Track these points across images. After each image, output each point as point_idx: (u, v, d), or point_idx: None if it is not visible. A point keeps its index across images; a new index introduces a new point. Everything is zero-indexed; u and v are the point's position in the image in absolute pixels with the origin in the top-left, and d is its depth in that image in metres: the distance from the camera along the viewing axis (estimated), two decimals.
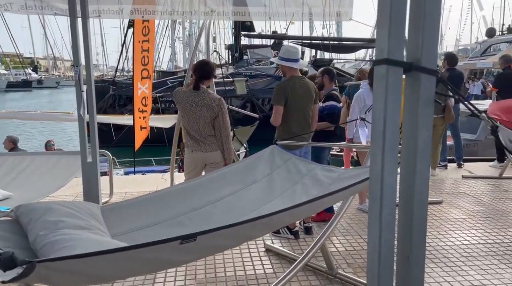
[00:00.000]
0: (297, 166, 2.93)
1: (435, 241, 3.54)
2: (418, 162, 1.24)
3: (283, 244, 3.52)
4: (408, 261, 1.28)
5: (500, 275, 2.93)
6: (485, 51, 26.06)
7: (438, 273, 2.96)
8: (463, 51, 46.22)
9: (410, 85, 1.23)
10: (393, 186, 1.24)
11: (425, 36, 1.17)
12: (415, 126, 1.23)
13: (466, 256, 3.25)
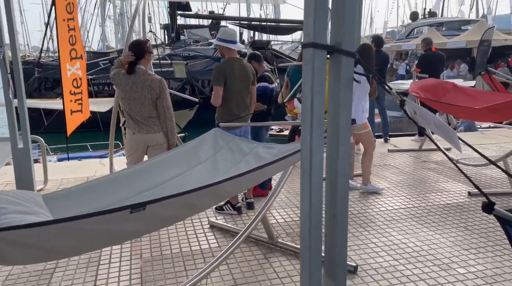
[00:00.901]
0: (240, 146, 3.07)
1: (363, 208, 3.91)
2: (341, 137, 1.42)
3: (227, 220, 3.68)
4: (334, 219, 1.48)
5: (417, 234, 3.35)
6: (409, 34, 27.93)
7: (365, 236, 3.31)
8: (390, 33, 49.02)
9: (333, 66, 1.40)
10: (320, 157, 1.42)
11: (345, 22, 1.33)
12: (337, 104, 1.40)
13: (389, 220, 3.64)
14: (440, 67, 6.80)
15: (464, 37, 22.28)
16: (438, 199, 4.13)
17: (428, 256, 2.95)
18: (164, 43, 20.73)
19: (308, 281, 1.45)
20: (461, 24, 27.88)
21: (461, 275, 2.69)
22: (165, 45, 19.62)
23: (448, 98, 5.27)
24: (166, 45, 19.38)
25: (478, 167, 5.06)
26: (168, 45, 20.16)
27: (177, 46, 19.62)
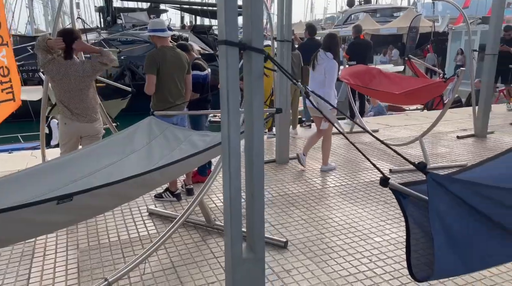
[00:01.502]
0: (175, 134, 3.15)
1: (296, 188, 4.19)
2: (255, 123, 1.59)
3: (166, 207, 3.77)
4: (253, 197, 1.66)
5: (343, 209, 3.68)
6: (346, 20, 28.98)
7: (296, 213, 3.57)
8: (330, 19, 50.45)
9: (246, 61, 1.55)
10: (238, 142, 1.58)
11: (253, 23, 1.49)
12: (251, 94, 1.56)
13: (319, 198, 3.95)
14: (367, 54, 7.25)
15: (396, 24, 23.60)
16: (363, 177, 4.52)
17: (350, 228, 3.28)
18: (100, 28, 19.73)
19: (230, 253, 1.62)
20: (393, 11, 29.44)
21: (377, 243, 3.04)
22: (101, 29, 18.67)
23: (374, 84, 5.70)
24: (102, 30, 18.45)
25: (400, 146, 5.55)
26: (104, 29, 19.22)
27: (113, 31, 18.77)
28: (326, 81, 4.36)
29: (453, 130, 6.55)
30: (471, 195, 1.66)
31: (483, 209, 1.70)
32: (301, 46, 6.81)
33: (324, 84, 4.36)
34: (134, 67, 15.39)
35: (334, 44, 4.48)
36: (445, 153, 5.38)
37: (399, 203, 1.74)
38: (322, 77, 4.39)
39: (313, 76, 4.53)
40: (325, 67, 4.38)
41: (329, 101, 4.17)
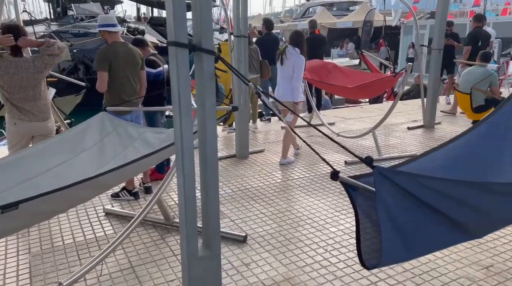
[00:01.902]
0: (128, 131, 3.09)
1: (256, 183, 4.25)
2: (207, 121, 1.61)
3: (124, 206, 3.70)
4: (207, 196, 1.68)
5: (300, 201, 3.79)
6: (304, 13, 29.34)
7: (256, 207, 3.64)
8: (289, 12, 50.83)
9: (197, 62, 1.56)
10: (191, 141, 1.59)
11: (203, 25, 1.50)
12: (203, 94, 1.58)
13: (278, 191, 4.04)
14: (322, 49, 7.41)
15: (351, 18, 24.23)
16: (320, 169, 4.66)
17: (307, 220, 3.38)
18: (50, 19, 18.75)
19: (186, 252, 1.64)
20: (349, 5, 30.14)
21: (332, 233, 3.17)
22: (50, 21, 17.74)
23: (330, 78, 5.85)
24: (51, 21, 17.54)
25: (354, 138, 5.76)
26: (54, 21, 18.27)
27: (64, 22, 17.89)
28: (295, 75, 4.53)
29: (404, 122, 6.87)
30: (415, 185, 1.76)
31: (426, 199, 1.80)
32: (259, 40, 6.85)
33: (293, 79, 4.53)
34: (88, 61, 14.79)
35: (301, 41, 4.67)
36: (396, 143, 5.65)
37: (348, 195, 1.82)
38: (291, 72, 4.54)
39: (281, 71, 4.66)
40: (293, 63, 4.53)
41: (298, 94, 4.61)
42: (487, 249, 2.82)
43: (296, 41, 4.63)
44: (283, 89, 4.61)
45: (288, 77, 4.56)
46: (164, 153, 2.50)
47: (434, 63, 6.27)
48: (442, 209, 1.89)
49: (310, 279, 2.56)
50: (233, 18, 4.63)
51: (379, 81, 4.86)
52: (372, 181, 1.68)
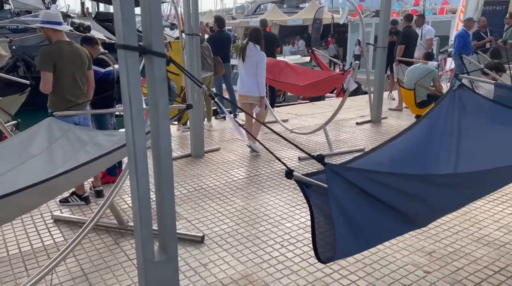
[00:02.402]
0: (78, 135, 2.97)
1: (212, 182, 4.25)
2: (160, 123, 1.59)
3: (74, 212, 3.56)
4: (162, 199, 1.67)
5: (257, 198, 3.84)
6: (255, 10, 29.49)
7: (213, 207, 3.64)
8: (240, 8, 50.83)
9: (147, 66, 1.54)
10: (143, 144, 1.57)
11: (152, 26, 1.48)
12: (155, 97, 1.56)
13: (234, 189, 4.06)
14: (274, 47, 7.50)
15: (301, 15, 24.68)
16: (276, 166, 4.74)
17: (264, 217, 3.44)
18: None
19: (142, 257, 1.62)
20: (299, 2, 30.68)
21: (288, 228, 3.24)
22: None
23: (282, 76, 5.95)
24: None
25: (307, 134, 5.91)
26: None
27: (1, 17, 16.66)
28: (258, 71, 4.77)
29: (353, 117, 7.15)
30: (364, 180, 1.84)
31: (375, 192, 1.89)
32: (211, 38, 6.81)
33: (257, 74, 4.78)
34: (29, 58, 13.90)
35: (260, 38, 4.86)
36: (347, 138, 5.87)
37: (303, 192, 1.88)
38: (254, 68, 4.76)
39: (245, 68, 4.85)
40: (256, 59, 4.77)
41: (263, 89, 4.91)
42: (429, 236, 3.03)
43: (256, 38, 4.82)
44: (249, 85, 4.84)
45: (253, 74, 4.78)
46: (116, 154, 2.43)
47: (379, 61, 6.58)
48: (389, 201, 1.99)
49: (267, 275, 2.61)
50: (184, 16, 4.57)
51: (329, 79, 5.02)
52: (325, 178, 1.74)
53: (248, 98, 4.95)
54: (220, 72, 6.46)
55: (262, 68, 4.79)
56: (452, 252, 2.82)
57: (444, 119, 3.13)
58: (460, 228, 3.15)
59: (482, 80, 3.69)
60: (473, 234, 3.06)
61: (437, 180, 2.20)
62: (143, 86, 1.61)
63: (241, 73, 4.90)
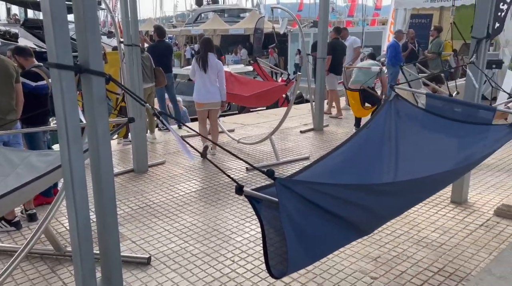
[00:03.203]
0: (8, 157, 2.72)
1: (157, 198, 4.09)
2: (101, 146, 1.49)
3: (2, 239, 3.23)
4: (105, 225, 1.55)
5: (205, 213, 3.75)
6: (196, 19, 29.32)
7: (159, 225, 3.49)
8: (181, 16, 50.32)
9: (84, 85, 1.43)
10: (82, 170, 1.45)
11: (89, 40, 1.37)
12: (93, 119, 1.45)
13: (182, 205, 3.94)
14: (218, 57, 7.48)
15: (243, 25, 24.97)
16: (223, 178, 4.68)
17: (213, 232, 3.37)
18: None
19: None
20: (239, 11, 31.04)
21: (239, 242, 3.20)
22: None
23: (227, 87, 5.93)
24: None
25: (253, 144, 5.93)
26: None
27: None
28: (220, 78, 5.14)
29: (297, 126, 7.30)
30: (312, 192, 1.86)
31: (323, 204, 1.91)
32: (151, 48, 6.62)
33: (218, 81, 5.11)
34: None
35: (213, 47, 5.25)
36: (292, 147, 5.98)
37: (253, 207, 1.86)
38: (215, 76, 5.07)
39: (207, 76, 5.07)
40: (218, 68, 5.11)
41: (224, 94, 5.17)
42: (374, 241, 3.15)
43: (210, 47, 5.19)
44: (213, 92, 5.12)
45: (214, 81, 5.10)
46: (52, 176, 2.25)
47: (320, 71, 6.80)
48: (337, 212, 2.04)
49: None
50: (122, 25, 4.39)
51: (273, 90, 5.09)
52: (275, 191, 1.74)
53: (211, 105, 5.21)
54: (162, 83, 6.30)
55: (223, 75, 5.16)
56: (396, 256, 2.95)
57: (382, 128, 3.29)
58: (401, 231, 3.31)
59: (417, 91, 3.93)
60: (413, 236, 3.23)
61: (378, 188, 2.30)
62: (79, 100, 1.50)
63: (203, 83, 5.09)
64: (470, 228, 3.32)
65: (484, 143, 3.04)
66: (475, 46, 3.44)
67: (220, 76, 5.11)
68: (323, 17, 6.69)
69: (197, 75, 5.07)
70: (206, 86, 5.06)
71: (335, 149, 2.87)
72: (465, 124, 3.18)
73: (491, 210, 3.63)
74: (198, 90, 5.13)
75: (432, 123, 3.31)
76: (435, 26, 9.42)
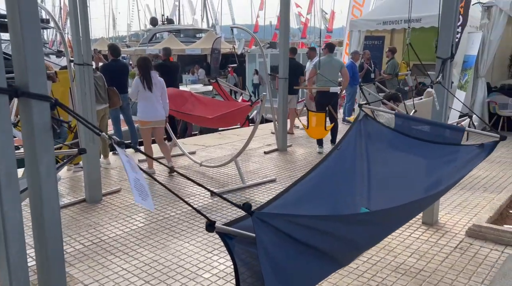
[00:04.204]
0: None
1: (113, 231, 3.69)
2: (44, 186, 1.18)
3: None
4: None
5: (168, 246, 3.41)
6: (151, 39, 28.87)
7: (115, 263, 3.11)
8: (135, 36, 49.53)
9: (22, 111, 1.14)
10: (19, 220, 1.14)
11: (28, 58, 1.09)
12: (34, 152, 1.15)
13: (141, 238, 3.57)
14: (176, 76, 7.24)
15: (199, 45, 24.86)
16: (186, 206, 4.36)
17: (178, 269, 3.04)
18: None
19: None
20: (195, 32, 30.98)
21: (207, 280, 2.90)
22: None
23: (187, 108, 5.67)
24: None
25: (217, 167, 5.66)
26: None
27: None
28: (163, 95, 5.23)
29: (260, 146, 7.13)
30: (290, 226, 1.72)
31: (301, 237, 1.78)
32: (106, 67, 6.24)
33: (161, 99, 5.19)
34: None
35: (152, 65, 5.29)
36: (257, 169, 5.77)
37: (225, 244, 1.69)
38: (159, 93, 5.16)
39: (152, 95, 5.08)
40: (161, 85, 5.19)
41: (167, 109, 5.23)
42: (351, 271, 2.97)
43: (151, 66, 5.25)
44: (159, 109, 5.18)
45: (159, 98, 5.17)
46: None
47: (282, 91, 6.72)
48: (316, 244, 1.90)
49: None
50: (73, 43, 4.04)
51: (238, 111, 4.90)
52: (249, 224, 1.63)
53: (158, 122, 5.23)
54: (117, 104, 5.92)
55: (166, 90, 5.30)
56: None
57: (353, 150, 3.22)
58: (378, 258, 3.17)
59: (385, 111, 3.89)
60: (390, 263, 3.09)
61: (355, 219, 2.22)
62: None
63: (150, 101, 5.08)
64: (445, 251, 3.25)
65: (455, 164, 3.00)
66: (440, 66, 3.46)
67: (163, 93, 5.23)
68: (284, 38, 6.66)
69: (142, 95, 5.07)
70: (154, 104, 5.11)
71: (308, 173, 2.76)
72: (435, 145, 3.15)
73: (462, 230, 3.60)
74: (144, 109, 5.14)
75: (402, 144, 3.26)
76: (389, 48, 9.77)
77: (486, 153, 2.73)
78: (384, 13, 10.18)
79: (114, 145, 1.32)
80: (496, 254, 3.16)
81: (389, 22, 9.96)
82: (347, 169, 3.12)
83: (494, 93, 7.87)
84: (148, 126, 5.23)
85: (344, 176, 3.08)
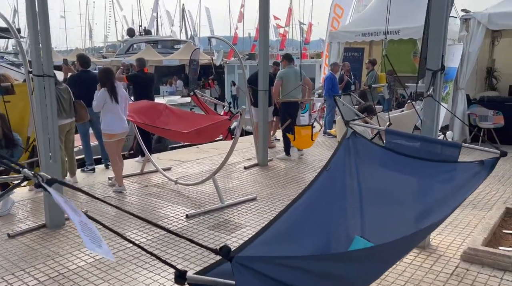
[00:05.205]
0: None
1: (75, 262, 3.28)
2: None
3: None
4: None
5: (136, 280, 3.03)
6: (128, 49, 28.33)
7: None
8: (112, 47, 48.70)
9: None
10: None
11: None
12: None
13: (106, 270, 3.17)
14: (151, 88, 6.87)
15: (177, 56, 24.50)
16: (158, 230, 3.98)
17: None
18: None
19: None
20: (173, 43, 30.62)
21: None
22: None
23: (161, 121, 5.32)
24: None
25: (194, 185, 5.30)
26: None
27: None
28: (126, 107, 5.12)
29: (240, 161, 6.81)
30: (275, 269, 1.52)
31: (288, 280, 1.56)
32: (73, 79, 5.81)
33: (124, 110, 5.06)
34: None
35: (108, 79, 4.92)
36: (236, 186, 5.44)
37: None
38: (124, 104, 5.04)
39: (120, 107, 4.94)
40: (125, 96, 5.12)
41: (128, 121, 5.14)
42: None
43: (114, 77, 5.11)
44: (125, 121, 5.08)
45: (124, 109, 5.05)
46: None
47: (262, 104, 6.45)
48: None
49: None
50: (31, 52, 3.64)
51: (216, 125, 4.58)
52: (227, 268, 1.47)
53: (123, 134, 5.12)
54: (84, 118, 5.50)
55: (128, 102, 5.27)
56: None
57: (343, 169, 2.99)
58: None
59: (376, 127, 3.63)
60: None
61: (348, 256, 2.00)
62: None
63: (117, 113, 4.92)
64: (441, 279, 2.99)
65: (453, 184, 2.77)
66: (430, 78, 3.26)
67: (126, 104, 5.17)
68: (264, 49, 6.42)
69: (108, 108, 4.87)
70: (120, 116, 5.01)
71: (296, 199, 2.52)
72: (429, 163, 2.91)
73: (456, 253, 3.37)
74: (112, 121, 4.93)
75: (394, 163, 3.02)
76: (370, 59, 9.71)
77: (487, 170, 2.50)
78: (363, 25, 10.16)
79: (41, 184, 0.99)
80: (495, 281, 2.93)
81: (368, 33, 9.93)
82: (337, 191, 2.90)
83: (475, 105, 7.85)
84: (115, 139, 5.02)
85: (335, 200, 2.85)
